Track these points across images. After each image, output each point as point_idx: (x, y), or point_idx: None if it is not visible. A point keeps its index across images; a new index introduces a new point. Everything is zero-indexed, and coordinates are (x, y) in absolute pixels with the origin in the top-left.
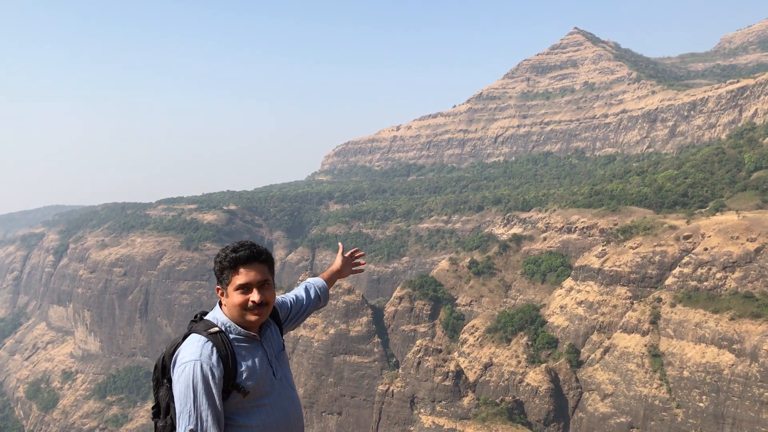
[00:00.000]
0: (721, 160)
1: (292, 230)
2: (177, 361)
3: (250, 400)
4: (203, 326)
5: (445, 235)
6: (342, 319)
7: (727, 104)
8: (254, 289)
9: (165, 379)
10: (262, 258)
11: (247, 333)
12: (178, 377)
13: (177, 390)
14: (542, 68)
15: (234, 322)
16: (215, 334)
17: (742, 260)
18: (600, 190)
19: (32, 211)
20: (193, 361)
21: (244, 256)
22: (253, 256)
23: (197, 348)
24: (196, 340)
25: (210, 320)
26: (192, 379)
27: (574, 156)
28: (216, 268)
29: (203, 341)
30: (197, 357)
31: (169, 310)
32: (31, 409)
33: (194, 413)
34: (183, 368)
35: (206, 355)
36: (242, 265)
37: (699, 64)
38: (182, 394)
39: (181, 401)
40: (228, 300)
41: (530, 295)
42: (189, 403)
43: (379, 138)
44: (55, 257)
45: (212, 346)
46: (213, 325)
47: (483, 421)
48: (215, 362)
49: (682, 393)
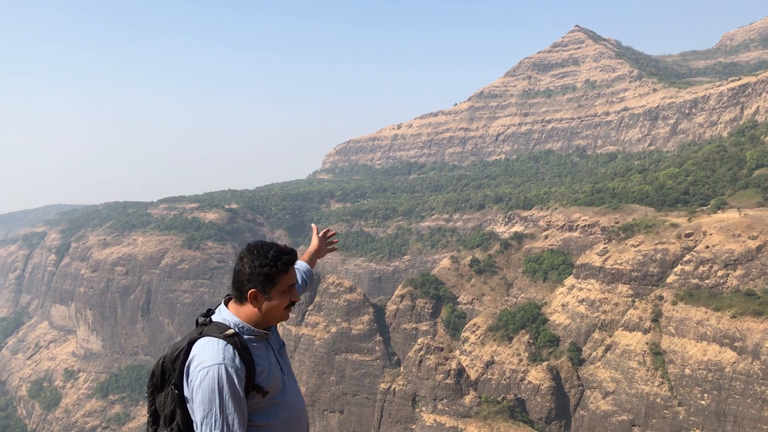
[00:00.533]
0: (723, 158)
1: (294, 229)
2: (196, 366)
3: (267, 399)
4: (216, 329)
5: (446, 234)
6: (344, 318)
7: (729, 102)
8: (294, 289)
9: (171, 386)
10: (297, 260)
11: (259, 332)
12: (200, 382)
13: (199, 395)
14: (543, 66)
15: (255, 323)
16: (232, 336)
17: (744, 258)
18: (601, 188)
19: (34, 211)
20: (216, 364)
21: (293, 259)
22: (296, 258)
23: (218, 351)
24: (213, 343)
25: (221, 322)
26: (217, 383)
27: (576, 154)
28: (264, 271)
29: (223, 344)
30: (220, 360)
31: (171, 309)
32: (34, 407)
33: (220, 417)
34: (206, 372)
35: (229, 358)
36: (291, 267)
37: (700, 61)
38: (206, 399)
39: (205, 406)
40: (270, 302)
41: (532, 293)
42: (214, 407)
43: (381, 136)
44: (57, 256)
45: (233, 349)
46: (227, 327)
47: (485, 420)
48: (239, 364)
49: (683, 391)
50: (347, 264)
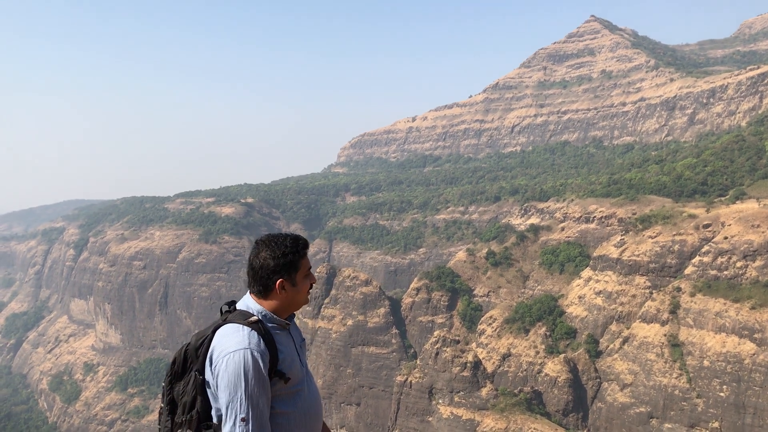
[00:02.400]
0: (741, 148)
1: (309, 222)
2: (220, 351)
3: (289, 387)
4: (240, 316)
5: (462, 226)
6: (360, 311)
7: (747, 91)
8: (311, 273)
9: (195, 371)
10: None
11: (281, 321)
12: (226, 366)
13: (225, 380)
14: (559, 57)
15: (279, 311)
16: (256, 323)
17: (763, 249)
18: (618, 179)
19: (52, 206)
20: (242, 349)
21: (307, 243)
22: (307, 242)
23: (243, 337)
24: (237, 329)
25: (244, 310)
26: (243, 367)
27: (592, 145)
28: (288, 259)
29: (247, 330)
30: (246, 345)
31: (188, 303)
32: (55, 401)
33: (246, 401)
34: (231, 356)
35: (255, 343)
36: (306, 250)
37: (718, 50)
38: (231, 383)
39: (231, 390)
40: (296, 287)
41: (548, 285)
42: (240, 391)
43: (395, 129)
44: (75, 251)
45: (257, 335)
46: (250, 314)
47: (501, 412)
48: (263, 349)
49: (702, 383)
50: (363, 257)
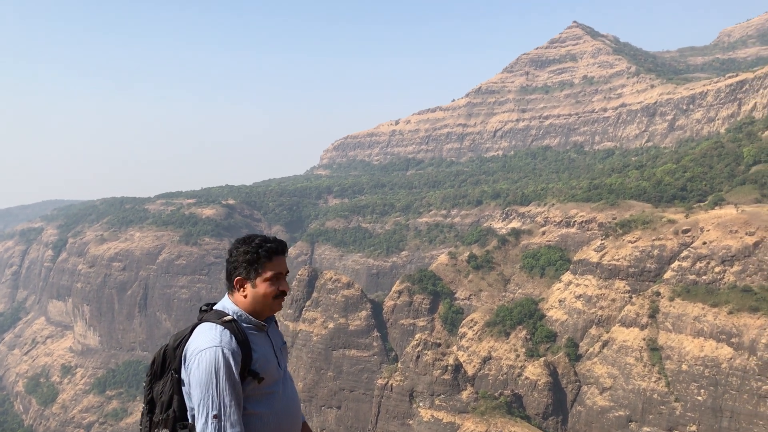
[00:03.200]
0: (720, 154)
1: (291, 224)
2: (193, 350)
3: (262, 387)
4: (215, 315)
5: (444, 230)
6: (341, 314)
7: (726, 98)
8: (283, 280)
9: (172, 371)
10: (286, 250)
11: (257, 322)
12: (198, 364)
13: (196, 377)
14: (541, 62)
15: (249, 312)
16: (230, 322)
17: (741, 254)
18: (599, 184)
19: (31, 206)
20: (213, 347)
21: (278, 247)
22: (283, 248)
23: (216, 335)
24: (211, 328)
25: (220, 310)
26: (214, 364)
27: (573, 150)
28: (246, 258)
29: (220, 329)
30: (217, 343)
31: (168, 305)
32: (31, 403)
33: (217, 399)
34: (203, 354)
35: (226, 341)
36: (276, 255)
37: (698, 57)
38: (203, 380)
39: (202, 388)
40: (255, 290)
41: (529, 289)
42: (211, 388)
43: (378, 132)
44: (53, 252)
45: (230, 333)
46: (225, 314)
47: (482, 415)
48: (235, 348)
49: (680, 386)
50: (345, 260)
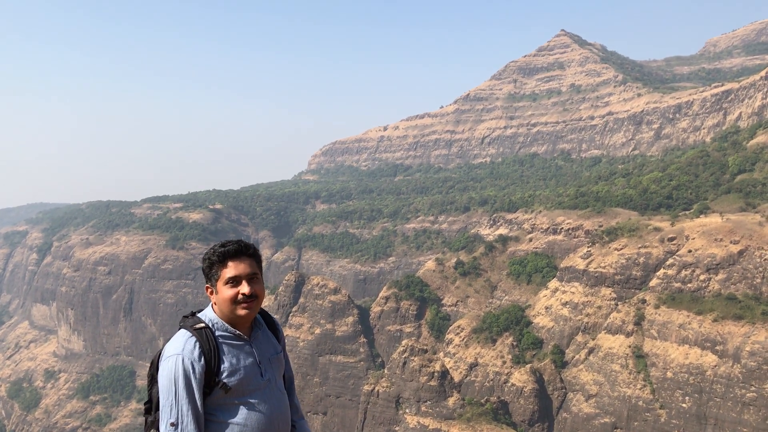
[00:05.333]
0: (706, 163)
1: (279, 230)
2: (162, 356)
3: (231, 398)
4: (191, 323)
5: (431, 236)
6: (328, 319)
7: (712, 107)
8: (243, 282)
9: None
10: (250, 252)
11: (233, 331)
12: (162, 371)
13: (160, 383)
14: (529, 70)
15: (224, 319)
16: (200, 330)
17: (726, 262)
18: (585, 191)
19: (15, 209)
20: (175, 355)
21: (233, 249)
22: (241, 249)
23: (181, 343)
24: (181, 335)
25: (198, 317)
26: (174, 372)
27: (560, 157)
28: (205, 265)
29: (187, 336)
30: (179, 351)
31: (153, 310)
32: (13, 408)
33: (175, 407)
34: (167, 362)
35: (189, 350)
36: (231, 258)
37: (684, 67)
38: (165, 387)
39: (164, 395)
40: (218, 296)
41: (516, 295)
42: (171, 396)
43: (366, 138)
44: (38, 255)
45: (195, 341)
46: (200, 321)
47: (468, 422)
48: (197, 357)
49: (665, 394)
50: (332, 265)
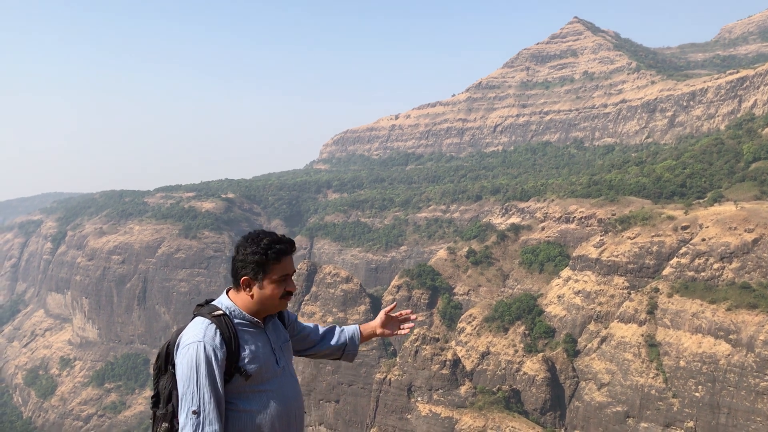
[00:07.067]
0: (720, 151)
1: (291, 219)
2: (180, 344)
3: (251, 385)
4: (207, 310)
5: (443, 225)
6: (340, 308)
7: (727, 95)
8: (290, 280)
9: (170, 366)
10: (294, 250)
11: (251, 318)
12: (182, 359)
13: (180, 371)
14: (542, 57)
15: (253, 311)
16: (219, 317)
17: (740, 251)
18: (598, 180)
19: (30, 198)
20: (196, 342)
21: (288, 248)
22: (292, 248)
23: (201, 330)
24: (200, 322)
25: (214, 305)
26: (195, 360)
27: (573, 146)
28: (255, 259)
29: (207, 323)
30: (201, 338)
31: (167, 298)
32: (30, 395)
33: (197, 394)
34: (187, 350)
35: (210, 337)
36: (284, 256)
37: (699, 54)
38: (185, 375)
39: (184, 382)
40: (261, 291)
41: (528, 284)
42: (192, 384)
43: (378, 127)
44: (53, 244)
45: (215, 329)
46: (217, 309)
47: (480, 410)
48: (218, 344)
49: (678, 383)
50: (344, 254)
